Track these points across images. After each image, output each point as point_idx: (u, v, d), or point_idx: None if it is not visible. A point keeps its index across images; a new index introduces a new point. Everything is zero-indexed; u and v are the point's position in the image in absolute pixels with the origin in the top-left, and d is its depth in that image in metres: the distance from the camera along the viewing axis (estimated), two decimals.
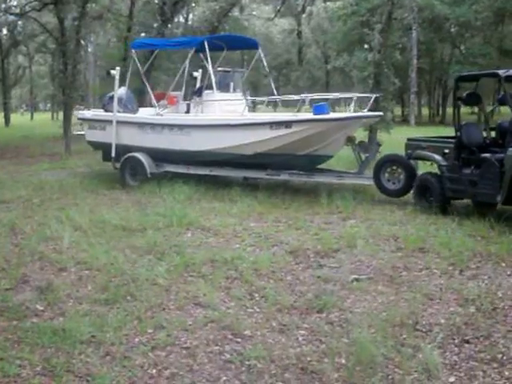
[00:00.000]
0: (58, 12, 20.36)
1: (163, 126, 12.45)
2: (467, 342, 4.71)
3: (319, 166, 11.74)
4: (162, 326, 5.03)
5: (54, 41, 22.16)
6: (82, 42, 26.22)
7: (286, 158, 11.12)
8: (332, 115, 11.04)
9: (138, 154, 12.57)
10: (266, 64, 14.00)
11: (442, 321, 5.11)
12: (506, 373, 4.22)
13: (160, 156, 12.50)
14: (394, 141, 11.29)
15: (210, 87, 12.55)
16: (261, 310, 5.40)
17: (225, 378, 4.20)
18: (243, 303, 5.57)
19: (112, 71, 13.40)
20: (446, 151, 9.18)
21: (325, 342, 4.71)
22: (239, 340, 4.77)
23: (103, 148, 13.70)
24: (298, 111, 11.63)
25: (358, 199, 10.21)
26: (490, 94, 31.13)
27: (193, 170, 12.30)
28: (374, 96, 11.49)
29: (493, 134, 9.69)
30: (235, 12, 34.19)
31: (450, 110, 49.62)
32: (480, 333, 4.86)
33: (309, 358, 4.44)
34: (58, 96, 26.05)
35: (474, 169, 8.74)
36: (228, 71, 13.64)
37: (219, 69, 13.55)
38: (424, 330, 4.94)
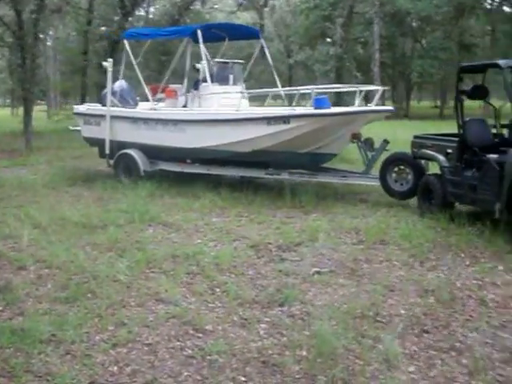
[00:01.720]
0: (16, 5, 19.83)
1: (157, 121, 11.78)
2: (426, 331, 4.81)
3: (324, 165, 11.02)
4: (123, 322, 4.99)
5: (12, 34, 21.57)
6: (41, 35, 25.65)
7: (287, 156, 10.34)
8: (335, 109, 10.24)
9: (131, 151, 12.00)
10: (268, 55, 13.21)
11: (402, 312, 5.20)
12: (464, 361, 4.32)
13: (154, 153, 11.89)
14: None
15: (206, 80, 11.79)
16: (222, 305, 5.40)
17: (186, 373, 4.19)
18: (204, 298, 5.56)
19: (104, 63, 12.78)
20: (449, 151, 8.28)
21: (286, 335, 4.74)
22: (200, 335, 4.76)
23: (99, 144, 13.02)
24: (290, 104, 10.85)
25: (321, 194, 10.27)
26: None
27: (188, 169, 11.78)
28: (382, 89, 10.56)
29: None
30: (197, 5, 33.87)
31: (413, 104, 50.42)
32: (439, 323, 4.97)
33: (270, 352, 4.46)
34: (18, 91, 25.50)
35: (475, 171, 7.80)
36: (227, 63, 12.80)
37: (217, 60, 12.88)
38: (384, 320, 5.02)
